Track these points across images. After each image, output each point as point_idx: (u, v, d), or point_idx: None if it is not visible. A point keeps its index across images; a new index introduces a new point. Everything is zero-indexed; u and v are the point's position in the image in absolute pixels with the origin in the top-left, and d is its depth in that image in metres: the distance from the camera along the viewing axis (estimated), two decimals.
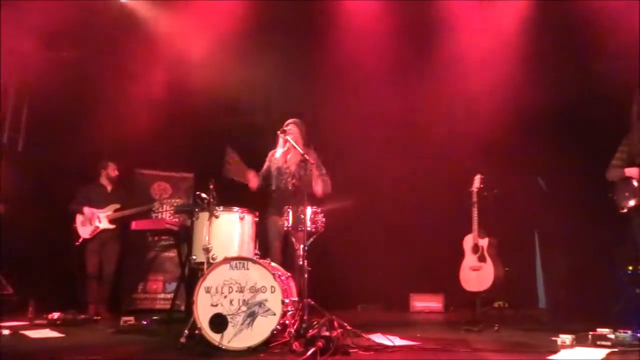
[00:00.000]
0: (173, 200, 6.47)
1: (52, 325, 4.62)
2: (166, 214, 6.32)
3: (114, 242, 5.67)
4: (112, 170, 5.80)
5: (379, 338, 3.83)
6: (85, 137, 5.89)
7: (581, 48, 5.40)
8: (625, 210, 4.14)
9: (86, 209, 5.58)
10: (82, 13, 5.47)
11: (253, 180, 4.51)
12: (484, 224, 5.93)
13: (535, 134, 5.81)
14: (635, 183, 4.10)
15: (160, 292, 6.33)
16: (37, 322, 4.74)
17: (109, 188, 5.81)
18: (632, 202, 4.11)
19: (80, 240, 5.57)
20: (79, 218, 5.62)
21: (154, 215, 6.21)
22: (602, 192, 4.34)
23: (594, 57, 5.43)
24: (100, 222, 5.59)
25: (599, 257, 5.42)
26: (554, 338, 3.68)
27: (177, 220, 5.56)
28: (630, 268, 5.11)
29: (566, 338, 3.63)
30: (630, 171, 4.14)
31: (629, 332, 3.65)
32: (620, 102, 4.30)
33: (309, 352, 3.16)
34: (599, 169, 4.49)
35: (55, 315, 4.75)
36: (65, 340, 4.10)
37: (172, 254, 6.17)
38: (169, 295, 6.10)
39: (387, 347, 3.61)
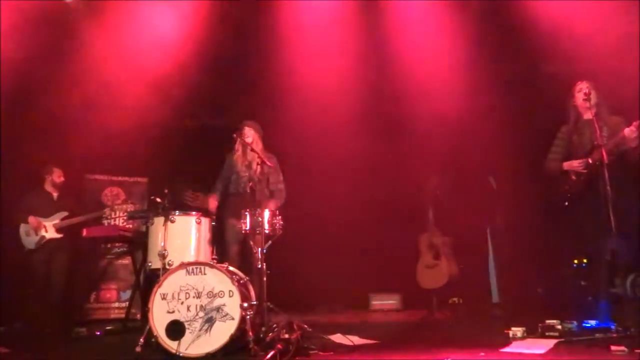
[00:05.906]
0: (126, 206, 6.28)
1: None
2: (119, 220, 6.12)
3: (62, 251, 5.40)
4: (58, 177, 5.53)
5: (338, 338, 3.86)
6: (30, 142, 5.62)
7: (528, 51, 5.60)
8: (567, 203, 4.15)
9: (31, 218, 5.30)
10: (25, 14, 5.21)
11: (212, 204, 4.48)
12: (438, 223, 6.11)
13: (485, 136, 5.99)
14: (573, 177, 4.11)
15: (114, 301, 6.13)
16: None
17: (55, 195, 5.54)
18: (570, 195, 4.11)
19: (25, 251, 5.31)
20: (22, 228, 5.33)
21: (106, 221, 6.00)
22: (549, 186, 4.40)
23: (542, 59, 5.63)
24: (46, 231, 5.34)
25: (547, 251, 5.64)
26: (506, 331, 3.81)
27: (130, 226, 5.39)
28: (576, 262, 5.35)
29: (517, 330, 3.76)
30: (568, 164, 4.15)
31: (575, 322, 3.84)
32: (564, 103, 4.40)
33: (269, 356, 3.15)
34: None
35: (1, 329, 4.52)
36: (12, 355, 3.90)
37: (126, 261, 5.99)
38: (123, 304, 5.91)
39: (346, 347, 3.65)
